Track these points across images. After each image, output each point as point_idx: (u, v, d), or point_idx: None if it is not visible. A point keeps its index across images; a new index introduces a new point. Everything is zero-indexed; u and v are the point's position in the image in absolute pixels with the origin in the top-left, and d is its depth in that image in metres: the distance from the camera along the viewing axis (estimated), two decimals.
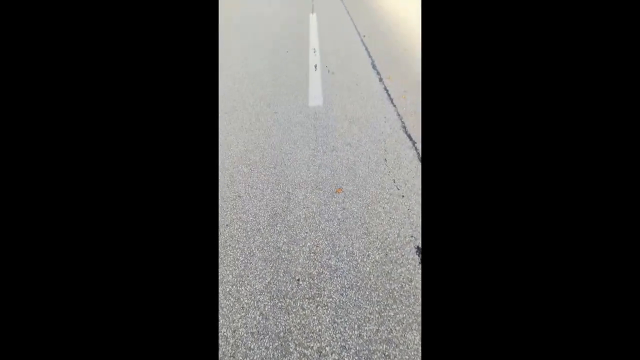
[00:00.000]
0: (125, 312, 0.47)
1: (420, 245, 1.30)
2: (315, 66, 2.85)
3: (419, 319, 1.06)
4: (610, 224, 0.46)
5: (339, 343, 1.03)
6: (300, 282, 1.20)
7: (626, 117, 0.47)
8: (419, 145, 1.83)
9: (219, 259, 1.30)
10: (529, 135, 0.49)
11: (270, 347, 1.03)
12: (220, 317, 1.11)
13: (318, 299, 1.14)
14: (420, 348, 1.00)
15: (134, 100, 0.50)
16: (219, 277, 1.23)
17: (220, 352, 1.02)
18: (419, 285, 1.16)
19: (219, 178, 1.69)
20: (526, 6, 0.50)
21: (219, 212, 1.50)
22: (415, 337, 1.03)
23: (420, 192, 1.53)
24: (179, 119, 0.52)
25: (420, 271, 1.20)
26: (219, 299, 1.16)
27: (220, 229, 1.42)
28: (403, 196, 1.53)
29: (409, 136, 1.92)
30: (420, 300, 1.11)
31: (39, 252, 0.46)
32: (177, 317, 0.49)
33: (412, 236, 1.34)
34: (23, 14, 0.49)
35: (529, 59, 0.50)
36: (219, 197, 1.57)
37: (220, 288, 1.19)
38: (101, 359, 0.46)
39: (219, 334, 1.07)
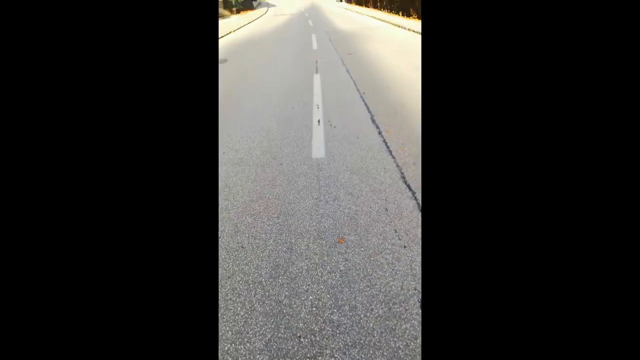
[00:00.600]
0: None
1: None
2: (319, 121, 3.07)
3: None
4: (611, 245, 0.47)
5: None
6: (302, 340, 1.15)
7: (625, 120, 0.50)
8: (418, 195, 1.88)
9: (220, 314, 1.27)
10: (525, 187, 0.54)
11: None
12: None
13: (320, 358, 1.09)
14: None
15: (140, 143, 0.55)
16: (219, 334, 1.19)
17: None
18: None
19: (224, 228, 1.73)
20: (515, 69, 0.57)
21: (222, 264, 1.51)
22: None
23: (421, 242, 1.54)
24: (181, 169, 0.57)
25: None
26: None
27: (222, 282, 1.41)
28: (405, 247, 1.54)
29: (409, 186, 1.99)
30: None
31: (37, 257, 0.48)
32: None
33: (415, 289, 1.32)
34: (25, 17, 0.50)
35: (524, 114, 0.56)
36: (223, 248, 1.60)
37: (219, 346, 1.15)
38: None
39: None
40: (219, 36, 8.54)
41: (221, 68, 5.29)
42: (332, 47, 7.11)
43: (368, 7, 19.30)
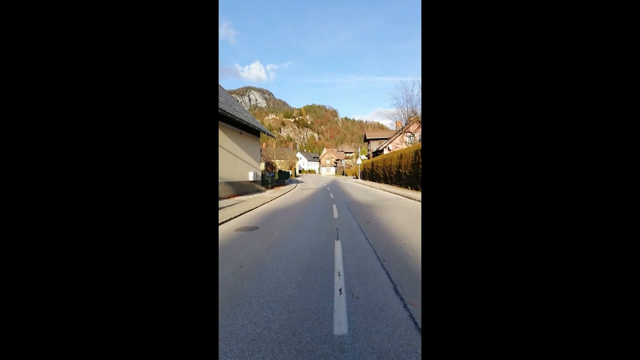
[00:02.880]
0: None
1: None
2: (340, 290, 3.04)
3: None
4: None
5: None
6: None
7: (623, 121, 0.46)
8: None
9: None
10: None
11: None
12: None
13: None
14: None
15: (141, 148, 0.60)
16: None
17: None
18: None
19: None
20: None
21: None
22: None
23: None
24: (182, 174, 0.60)
25: None
26: None
27: None
28: None
29: None
30: None
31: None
32: None
33: None
34: (25, 18, 0.51)
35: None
36: None
37: None
38: None
39: None
40: (255, 207, 9.97)
41: (251, 236, 5.88)
42: (351, 215, 7.95)
43: (380, 182, 22.85)
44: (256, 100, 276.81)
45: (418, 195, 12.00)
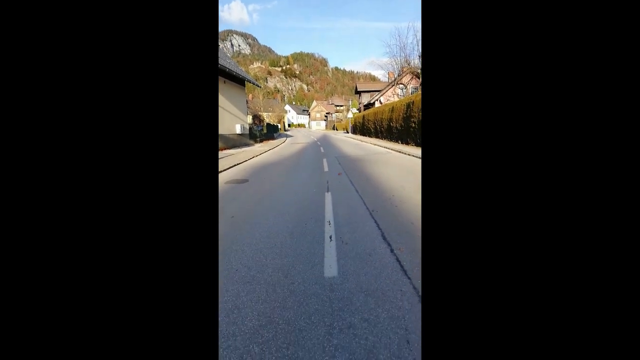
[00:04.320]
0: None
1: None
2: (330, 237, 3.16)
3: None
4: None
5: None
6: None
7: (623, 121, 0.49)
8: None
9: None
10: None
11: None
12: None
13: None
14: None
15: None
16: None
17: None
18: None
19: (229, 358, 1.55)
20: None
21: None
22: None
23: None
24: (182, 173, 0.62)
25: None
26: None
27: None
28: None
29: None
30: None
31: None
32: None
33: None
34: (26, 19, 0.49)
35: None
36: None
37: None
38: None
39: None
40: (244, 160, 9.85)
41: (242, 188, 5.88)
42: (341, 169, 7.99)
43: (371, 137, 22.68)
44: (239, 46, 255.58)
45: (408, 149, 12.06)
